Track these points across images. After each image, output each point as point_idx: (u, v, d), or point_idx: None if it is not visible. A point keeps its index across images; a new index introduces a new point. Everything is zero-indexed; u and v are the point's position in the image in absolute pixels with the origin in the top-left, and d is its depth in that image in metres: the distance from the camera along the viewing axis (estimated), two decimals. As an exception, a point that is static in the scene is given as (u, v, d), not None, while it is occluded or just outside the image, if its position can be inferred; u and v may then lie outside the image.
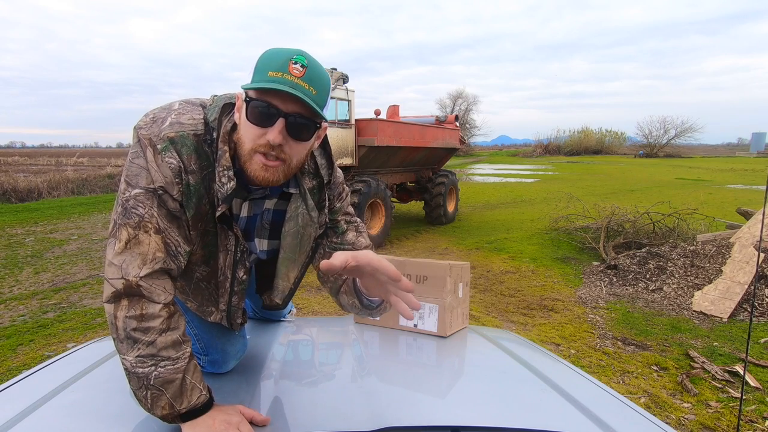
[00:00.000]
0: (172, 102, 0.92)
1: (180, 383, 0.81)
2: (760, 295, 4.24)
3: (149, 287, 0.81)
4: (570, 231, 7.68)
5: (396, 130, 8.32)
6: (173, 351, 0.82)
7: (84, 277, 5.50)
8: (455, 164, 28.36)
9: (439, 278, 1.40)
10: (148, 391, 0.80)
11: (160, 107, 0.90)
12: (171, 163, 0.83)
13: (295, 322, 1.51)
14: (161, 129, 0.84)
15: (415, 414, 0.86)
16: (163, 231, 0.84)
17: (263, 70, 0.81)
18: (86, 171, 17.44)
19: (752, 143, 57.87)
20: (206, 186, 0.87)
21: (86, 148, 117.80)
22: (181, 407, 0.81)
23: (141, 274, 0.80)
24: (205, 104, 0.92)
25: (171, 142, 0.83)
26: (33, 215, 10.00)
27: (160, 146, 0.83)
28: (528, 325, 4.04)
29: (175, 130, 0.84)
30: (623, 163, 33.61)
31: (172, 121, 0.85)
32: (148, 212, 0.82)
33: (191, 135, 0.85)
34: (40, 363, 1.36)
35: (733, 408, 2.66)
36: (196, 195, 0.87)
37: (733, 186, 17.17)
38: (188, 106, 0.89)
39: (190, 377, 0.83)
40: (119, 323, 0.80)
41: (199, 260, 0.96)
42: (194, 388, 0.83)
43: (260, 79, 0.81)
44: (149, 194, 0.83)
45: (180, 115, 0.87)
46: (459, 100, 47.38)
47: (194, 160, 0.85)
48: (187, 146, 0.84)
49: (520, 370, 1.11)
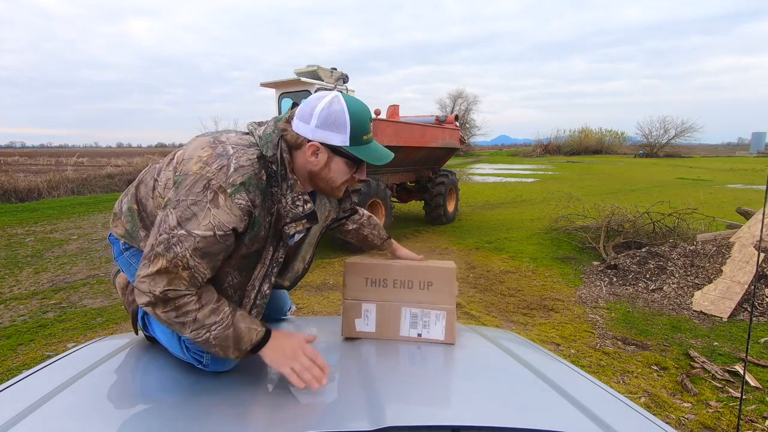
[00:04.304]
0: (223, 146, 1.01)
1: (234, 333, 0.99)
2: (760, 294, 4.24)
3: (175, 291, 0.95)
4: (570, 231, 7.68)
5: (396, 130, 8.32)
6: (215, 317, 0.98)
7: (84, 276, 5.50)
8: (455, 164, 28.36)
9: (445, 283, 1.33)
10: (216, 348, 0.98)
11: (214, 153, 0.99)
12: (241, 204, 0.96)
13: (295, 322, 1.51)
14: (229, 175, 0.96)
15: (415, 414, 0.86)
16: (192, 267, 0.95)
17: (359, 135, 1.04)
18: (86, 171, 17.42)
19: (752, 143, 57.78)
20: (267, 213, 1.03)
21: (86, 148, 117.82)
22: (247, 347, 1.01)
23: (166, 289, 0.94)
24: (252, 141, 1.05)
25: (241, 185, 0.96)
26: (33, 215, 10.00)
27: (230, 190, 0.95)
28: (528, 325, 4.04)
29: (241, 174, 0.97)
30: (623, 163, 33.59)
31: (236, 167, 0.97)
32: (182, 252, 0.94)
33: (254, 175, 0.99)
34: (40, 363, 1.36)
35: (733, 408, 2.66)
36: (258, 225, 1.02)
37: (733, 186, 17.16)
38: (241, 149, 1.01)
39: (241, 325, 1.00)
40: (162, 318, 0.97)
41: (235, 268, 1.07)
42: (250, 330, 1.01)
43: (360, 143, 1.05)
44: (201, 239, 0.94)
45: (239, 158, 0.99)
46: (459, 100, 47.39)
47: (258, 195, 1.00)
48: (253, 185, 0.98)
49: (520, 370, 1.11)
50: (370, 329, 1.31)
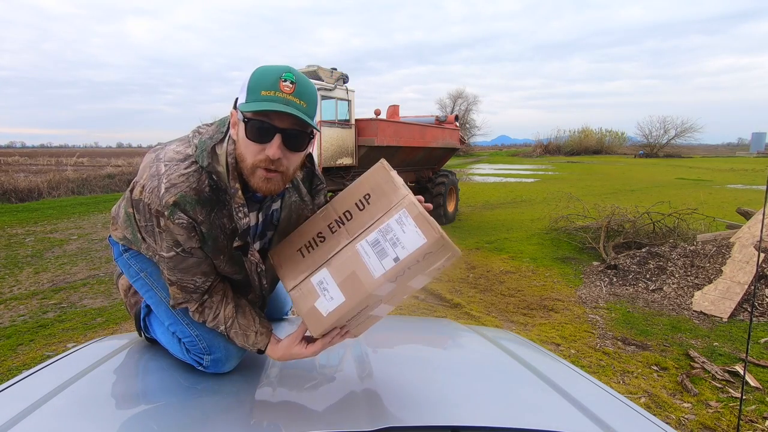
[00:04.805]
0: (157, 165, 0.94)
1: (242, 332, 1.04)
2: (760, 295, 4.24)
3: (176, 301, 1.03)
4: (570, 231, 7.68)
5: (396, 130, 8.32)
6: (216, 321, 1.05)
7: (84, 277, 5.50)
8: (455, 164, 28.36)
9: (382, 181, 0.96)
10: (230, 332, 1.05)
11: (149, 175, 0.93)
12: (182, 223, 0.92)
13: (295, 322, 1.51)
14: (161, 197, 0.90)
15: (415, 414, 0.86)
16: (177, 282, 1.00)
17: (256, 90, 0.87)
18: (86, 171, 17.42)
19: (752, 143, 57.81)
20: (218, 225, 0.97)
21: (86, 148, 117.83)
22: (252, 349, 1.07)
23: (173, 300, 1.03)
24: (187, 153, 0.95)
25: (174, 206, 0.90)
26: (33, 215, 10.00)
27: (166, 213, 0.90)
28: (528, 325, 4.04)
29: (173, 194, 0.90)
30: (623, 163, 33.59)
31: (167, 186, 0.90)
32: (165, 270, 1.00)
33: (189, 191, 0.91)
34: (40, 363, 1.36)
35: (733, 408, 2.66)
36: (211, 238, 0.97)
37: (733, 186, 17.16)
38: (174, 165, 0.93)
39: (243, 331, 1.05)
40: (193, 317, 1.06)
41: (229, 268, 1.06)
42: (248, 337, 1.05)
43: (254, 99, 0.86)
44: (169, 259, 0.97)
45: (170, 176, 0.91)
46: (459, 100, 47.38)
47: (200, 210, 0.93)
48: (189, 202, 0.91)
49: (520, 370, 1.11)
50: (339, 300, 0.94)
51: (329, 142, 7.27)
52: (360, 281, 0.92)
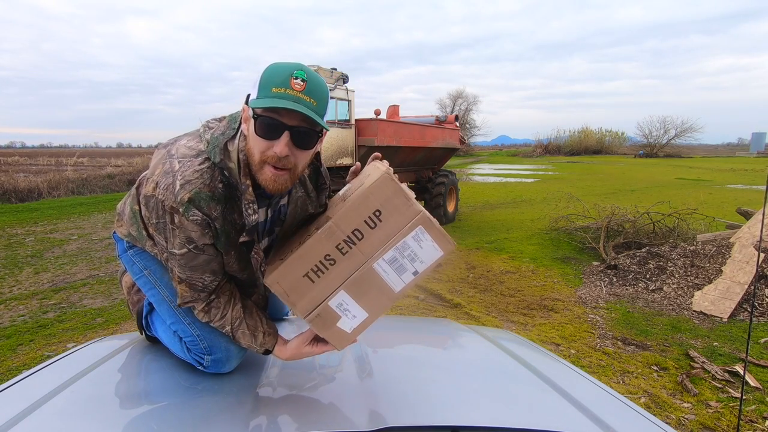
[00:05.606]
0: (170, 161, 0.96)
1: (249, 332, 1.06)
2: (760, 295, 4.24)
3: (183, 300, 1.03)
4: (570, 231, 7.68)
5: (396, 130, 8.32)
6: (223, 321, 1.06)
7: (84, 277, 5.50)
8: (455, 164, 28.36)
9: (391, 195, 0.92)
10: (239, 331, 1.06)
11: (162, 171, 0.95)
12: (197, 219, 0.92)
13: (295, 322, 1.51)
14: (176, 194, 0.91)
15: (415, 414, 0.86)
16: (186, 280, 1.00)
17: (267, 87, 0.87)
18: (86, 171, 17.43)
19: (752, 143, 57.78)
20: (230, 221, 0.98)
21: (86, 148, 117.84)
22: (259, 350, 1.08)
23: (180, 299, 1.03)
24: (200, 149, 0.96)
25: (190, 202, 0.91)
26: (33, 215, 10.00)
27: (181, 210, 0.91)
28: (528, 325, 4.04)
29: (188, 191, 0.91)
30: (623, 163, 33.59)
31: (182, 183, 0.91)
32: (175, 268, 1.00)
33: (204, 187, 0.92)
34: (40, 363, 1.36)
35: (733, 408, 2.66)
36: (224, 233, 0.98)
37: (733, 186, 17.16)
38: (187, 161, 0.94)
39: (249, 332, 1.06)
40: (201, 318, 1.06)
41: (237, 266, 1.07)
42: (255, 338, 1.07)
43: (265, 96, 0.87)
44: (180, 256, 0.97)
45: (184, 173, 0.92)
46: (459, 100, 47.36)
47: (215, 207, 0.94)
48: (204, 199, 0.92)
49: (520, 370, 1.11)
50: (362, 317, 0.96)
51: (329, 142, 7.28)
52: (382, 296, 0.96)
